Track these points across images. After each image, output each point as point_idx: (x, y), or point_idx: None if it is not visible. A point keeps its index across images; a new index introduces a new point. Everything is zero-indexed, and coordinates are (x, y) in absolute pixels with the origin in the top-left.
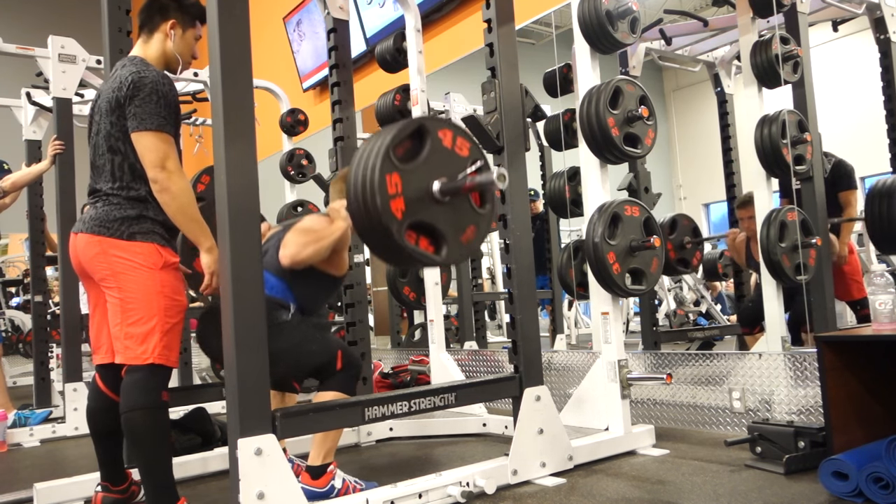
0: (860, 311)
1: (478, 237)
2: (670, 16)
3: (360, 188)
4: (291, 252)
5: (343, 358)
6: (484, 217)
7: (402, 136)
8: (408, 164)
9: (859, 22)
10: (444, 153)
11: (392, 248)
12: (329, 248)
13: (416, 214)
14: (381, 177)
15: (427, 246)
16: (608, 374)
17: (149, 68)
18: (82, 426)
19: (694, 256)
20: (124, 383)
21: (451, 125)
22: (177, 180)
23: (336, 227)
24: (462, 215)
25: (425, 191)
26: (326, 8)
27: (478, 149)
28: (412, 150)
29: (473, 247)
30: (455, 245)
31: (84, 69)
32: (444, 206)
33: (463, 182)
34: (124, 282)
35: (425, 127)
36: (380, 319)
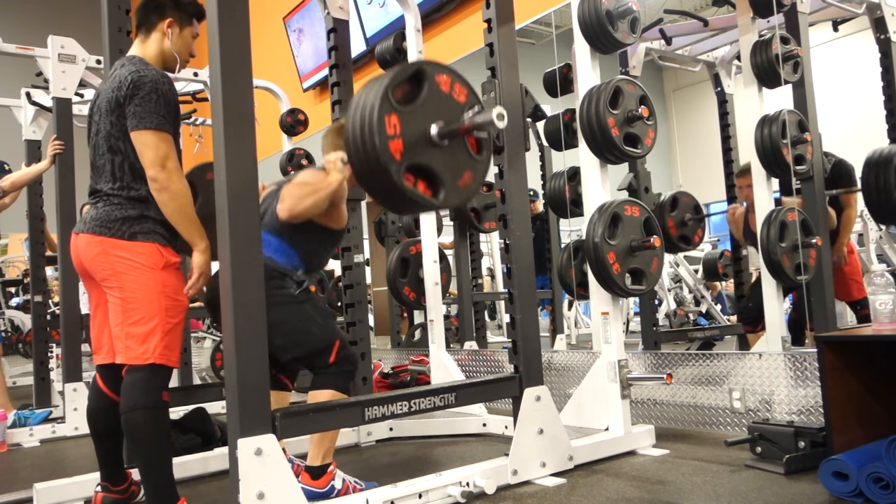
0: (860, 312)
1: (475, 183)
2: (670, 16)
3: (358, 129)
4: (289, 205)
5: (339, 351)
6: (480, 163)
7: (401, 78)
8: (406, 107)
9: (859, 22)
10: (442, 97)
11: (391, 189)
12: (326, 200)
13: (414, 157)
14: (380, 117)
15: (425, 189)
16: (608, 374)
17: (148, 67)
18: (82, 426)
19: (695, 233)
20: (125, 383)
21: (449, 70)
22: (176, 180)
23: (333, 179)
24: (459, 160)
25: (423, 134)
26: (326, 8)
27: (475, 95)
28: (410, 93)
29: (470, 192)
30: (453, 189)
31: (84, 69)
32: (441, 150)
33: (461, 123)
34: (125, 282)
35: (424, 70)
36: (380, 319)
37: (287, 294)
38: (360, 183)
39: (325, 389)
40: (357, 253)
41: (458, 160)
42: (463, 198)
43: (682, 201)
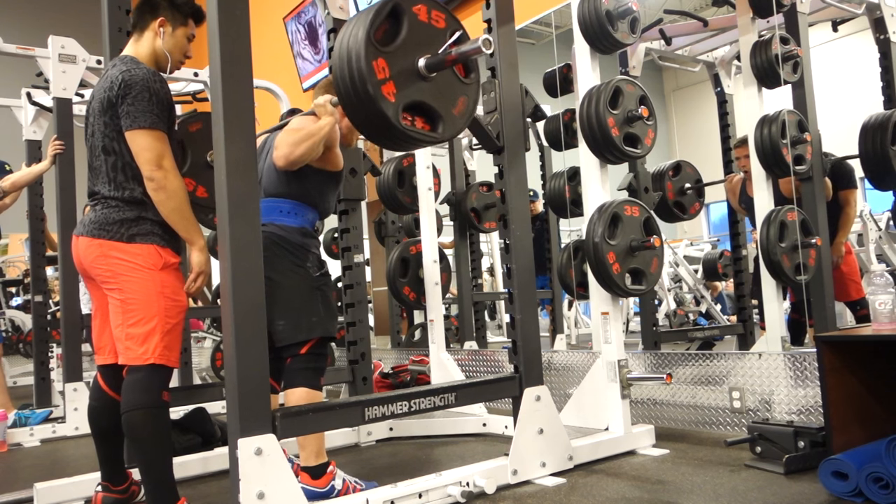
0: (859, 312)
1: (469, 108)
2: (670, 16)
3: (349, 79)
4: (285, 152)
5: (315, 346)
6: (471, 87)
7: (379, 19)
8: (390, 47)
9: (859, 22)
10: (423, 28)
11: (392, 131)
12: (320, 144)
13: (408, 95)
14: (368, 63)
15: (423, 125)
16: (608, 374)
17: (139, 66)
18: (82, 426)
19: (692, 205)
20: (125, 383)
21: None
22: (172, 179)
23: (324, 122)
24: (451, 88)
25: (412, 69)
26: (326, 8)
27: (454, 19)
28: (391, 31)
29: (466, 118)
30: (450, 119)
31: (84, 69)
32: (431, 83)
33: (447, 54)
34: (125, 283)
35: (399, 5)
36: (380, 319)
37: (305, 273)
38: (359, 129)
39: (297, 388)
40: (357, 253)
41: (449, 88)
42: (461, 126)
43: (685, 170)
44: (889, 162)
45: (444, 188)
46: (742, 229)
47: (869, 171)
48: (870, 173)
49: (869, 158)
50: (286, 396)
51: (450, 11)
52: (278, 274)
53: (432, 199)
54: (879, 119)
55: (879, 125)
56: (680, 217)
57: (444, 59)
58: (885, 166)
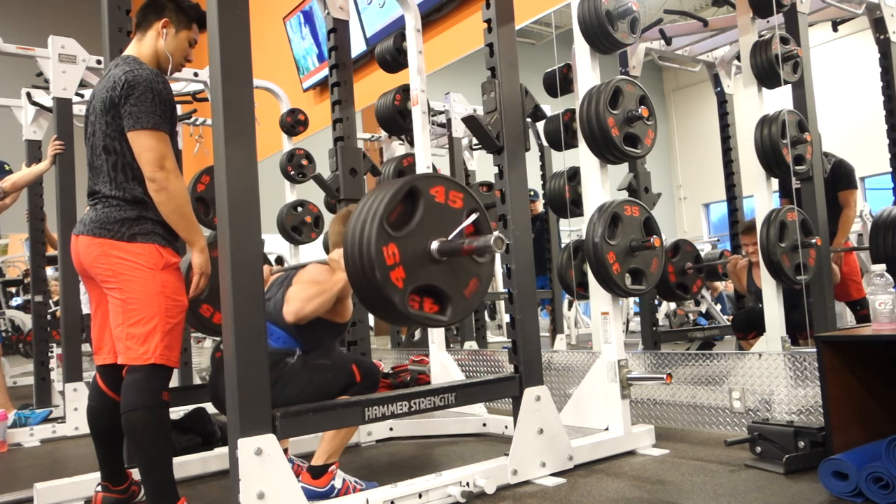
0: (859, 312)
1: (481, 289)
2: (670, 16)
3: (358, 262)
4: (295, 308)
5: (359, 369)
6: (485, 267)
7: (395, 202)
8: (403, 230)
9: (859, 22)
10: (438, 209)
11: (397, 316)
12: (333, 300)
13: (417, 280)
14: (378, 250)
15: (431, 306)
16: (608, 374)
17: (142, 67)
18: (82, 426)
19: (694, 283)
20: (125, 383)
21: (442, 179)
22: (174, 180)
23: (338, 279)
24: (462, 269)
25: (423, 253)
26: (326, 8)
27: (471, 198)
28: (406, 212)
29: (477, 299)
30: (459, 301)
31: (84, 69)
32: (443, 265)
33: (461, 245)
34: (125, 282)
35: (417, 188)
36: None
37: (288, 369)
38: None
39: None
40: None
41: (461, 270)
42: (471, 307)
43: (684, 249)
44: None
45: None
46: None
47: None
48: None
49: (879, 255)
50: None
51: (468, 191)
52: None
53: None
54: (892, 217)
55: (892, 224)
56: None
57: (457, 249)
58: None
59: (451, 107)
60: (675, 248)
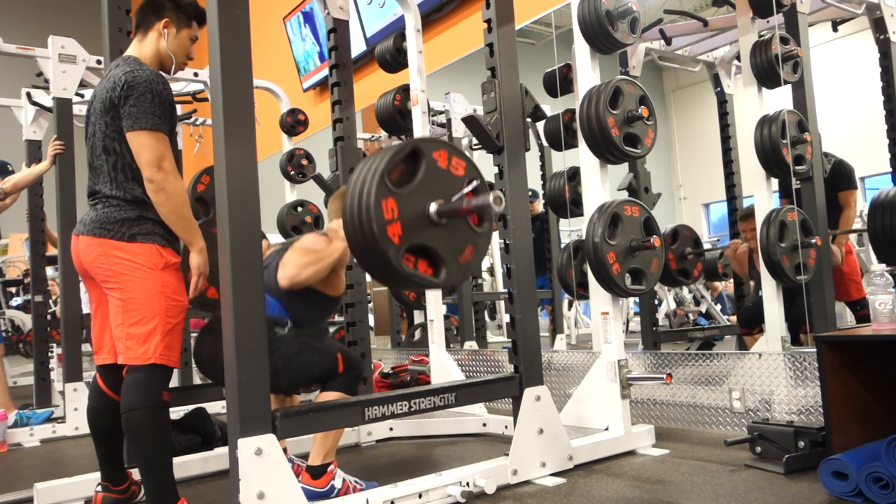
0: (859, 312)
1: (476, 257)
2: (670, 16)
3: (356, 215)
4: (290, 273)
5: (344, 360)
6: (482, 236)
7: (397, 159)
8: (403, 188)
9: (859, 22)
10: (440, 174)
11: (390, 273)
12: (328, 269)
13: (413, 238)
14: (377, 202)
15: (426, 269)
16: (608, 374)
17: (142, 67)
18: (82, 426)
19: (695, 267)
20: (125, 383)
21: (445, 145)
22: (172, 181)
23: (335, 248)
24: (460, 235)
25: (422, 214)
26: (326, 8)
27: (473, 167)
28: (407, 172)
29: (472, 267)
30: (454, 266)
31: (84, 69)
32: (441, 228)
33: (459, 205)
34: (125, 282)
35: (420, 149)
36: (380, 319)
37: (278, 339)
38: (360, 264)
39: (334, 392)
40: None
41: (458, 236)
42: (465, 274)
43: (683, 234)
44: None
45: None
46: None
47: (877, 248)
48: (878, 250)
49: (877, 236)
50: (320, 398)
51: (470, 160)
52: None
53: None
54: (890, 196)
55: (889, 203)
56: (685, 283)
57: (456, 209)
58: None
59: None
60: (673, 235)
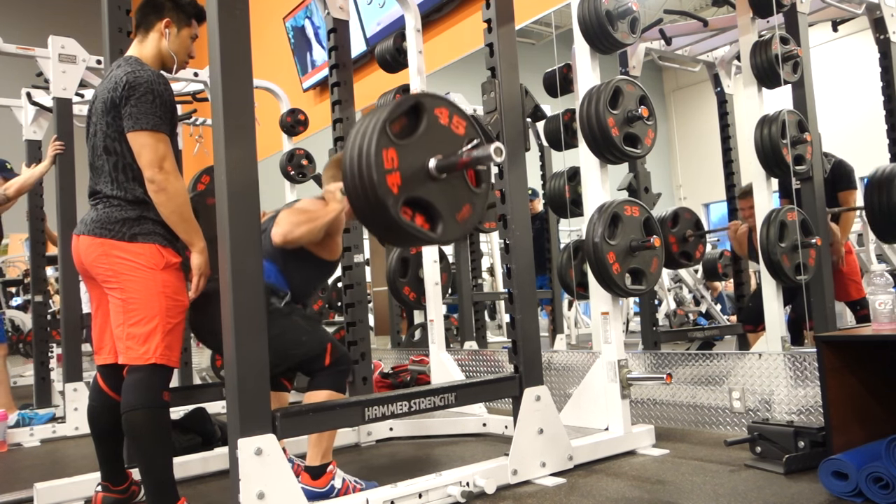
0: (859, 312)
1: (473, 216)
2: (670, 16)
3: (356, 163)
4: (284, 230)
5: (332, 353)
6: (479, 196)
7: (399, 112)
8: (404, 140)
9: (859, 22)
10: (441, 130)
11: (388, 223)
12: (322, 230)
13: (412, 190)
14: (378, 151)
15: (423, 223)
16: (608, 374)
17: (143, 68)
18: (82, 426)
19: (696, 249)
20: (126, 383)
21: (447, 103)
22: (173, 181)
23: (330, 209)
24: (458, 193)
25: (421, 167)
26: (326, 8)
27: (474, 128)
28: (408, 126)
29: (469, 225)
30: (451, 223)
31: (84, 69)
32: (440, 184)
33: (459, 157)
34: (126, 282)
35: (422, 103)
36: (380, 319)
37: (273, 309)
38: (357, 216)
39: (321, 390)
40: (357, 253)
41: (456, 193)
42: (461, 231)
43: (684, 217)
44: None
45: None
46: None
47: (875, 225)
48: (876, 227)
49: (874, 213)
50: (308, 398)
51: (471, 120)
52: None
53: None
54: (886, 173)
55: (886, 180)
56: (687, 265)
57: (455, 162)
58: (891, 221)
59: None
60: (674, 217)
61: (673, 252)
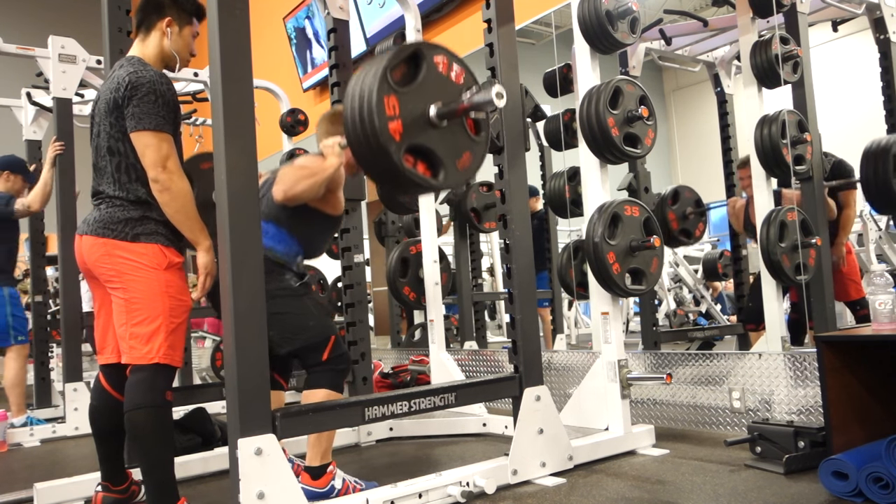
0: (858, 312)
1: (473, 164)
2: (670, 16)
3: (357, 111)
4: (285, 187)
5: (332, 348)
6: (479, 144)
7: (399, 59)
8: (404, 88)
9: (859, 22)
10: (440, 79)
11: (391, 170)
12: (323, 185)
13: (413, 137)
14: (379, 98)
15: (425, 170)
16: (608, 374)
17: (146, 68)
18: (82, 426)
19: (696, 228)
20: (129, 382)
21: (446, 51)
22: (177, 180)
23: (329, 163)
24: (458, 141)
25: (422, 114)
26: (326, 8)
27: (472, 76)
28: (408, 74)
29: (469, 173)
30: (452, 170)
31: (84, 69)
32: (440, 131)
33: (460, 102)
34: (129, 282)
35: (421, 51)
36: (380, 319)
37: (287, 287)
38: (360, 164)
39: (319, 389)
40: (357, 253)
41: (456, 141)
42: (462, 179)
43: (684, 195)
44: (891, 189)
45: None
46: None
47: (870, 198)
48: (871, 199)
49: (870, 185)
50: (306, 397)
51: (469, 69)
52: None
53: (432, 199)
54: (882, 145)
55: (882, 151)
56: (687, 243)
57: (455, 109)
58: (886, 194)
59: None
60: (674, 195)
61: (672, 229)
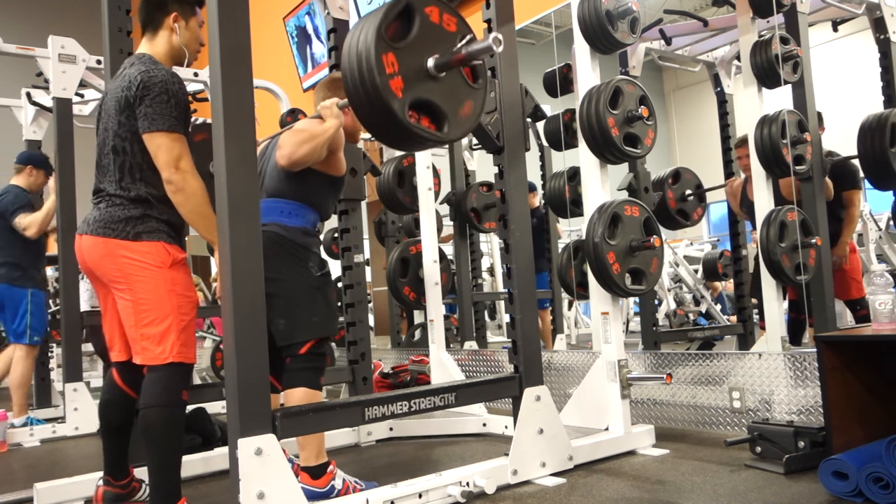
0: (858, 311)
1: (475, 111)
2: (670, 16)
3: (357, 73)
4: (288, 152)
5: (313, 346)
6: (478, 92)
7: (391, 16)
8: (400, 43)
9: (859, 22)
10: (434, 30)
11: (397, 126)
12: (324, 146)
13: (415, 92)
14: (378, 56)
15: (429, 124)
16: (608, 374)
17: (157, 67)
18: (82, 426)
19: (695, 211)
20: (145, 381)
21: (436, 1)
22: (191, 180)
23: (329, 125)
24: (458, 91)
25: (421, 68)
26: (326, 8)
27: (465, 24)
28: (401, 29)
29: (472, 122)
30: (455, 121)
31: (84, 69)
32: (439, 83)
33: (458, 52)
34: (135, 283)
35: (412, 5)
36: (380, 319)
37: (307, 273)
38: (365, 125)
39: (297, 388)
40: (357, 253)
41: (457, 91)
42: (466, 128)
43: (685, 177)
44: (888, 162)
45: (444, 188)
46: (742, 229)
47: (868, 172)
48: (869, 173)
49: (868, 159)
50: (286, 397)
51: (461, 17)
52: (280, 274)
53: (432, 199)
54: (877, 119)
55: (878, 125)
56: (683, 224)
57: (453, 58)
58: (884, 167)
59: None
60: (675, 175)
61: (670, 208)
